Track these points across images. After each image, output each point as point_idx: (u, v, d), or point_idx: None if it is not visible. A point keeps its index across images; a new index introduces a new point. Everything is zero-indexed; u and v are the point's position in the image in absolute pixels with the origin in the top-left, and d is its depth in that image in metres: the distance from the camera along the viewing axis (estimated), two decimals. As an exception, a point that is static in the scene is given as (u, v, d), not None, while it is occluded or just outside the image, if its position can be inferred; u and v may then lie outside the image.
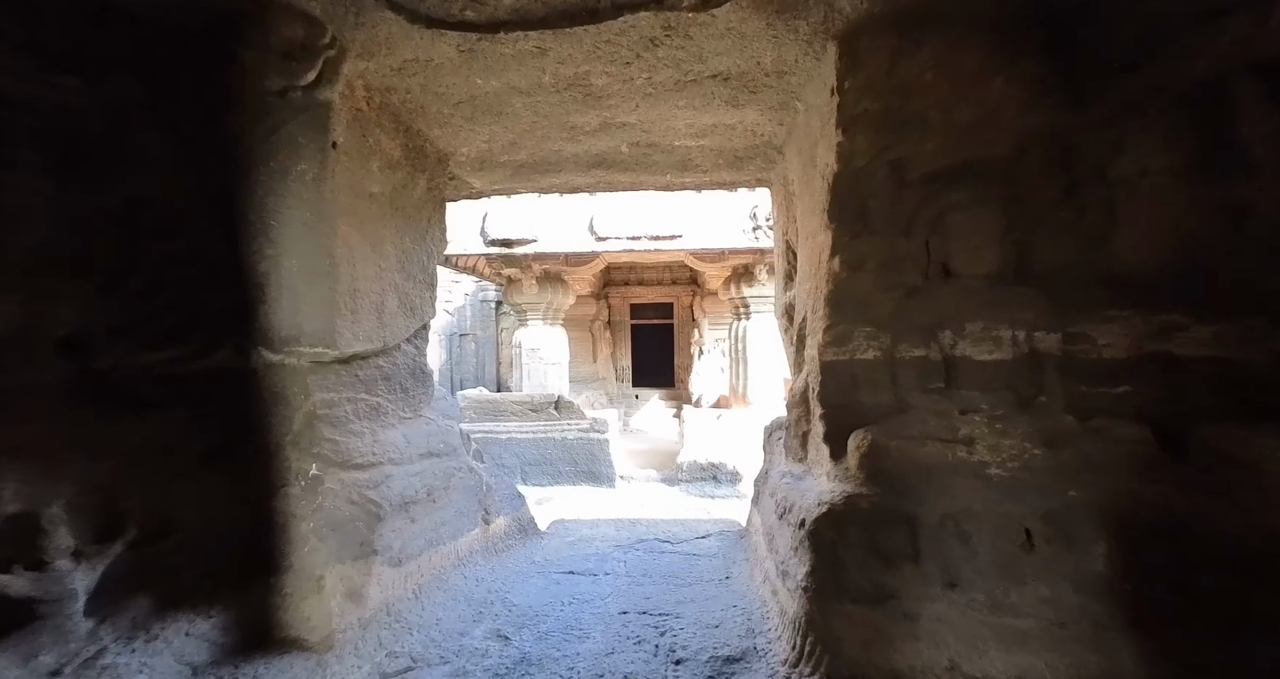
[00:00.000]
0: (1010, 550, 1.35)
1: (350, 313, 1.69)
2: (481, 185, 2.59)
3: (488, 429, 5.80)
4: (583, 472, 5.61)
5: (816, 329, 1.73)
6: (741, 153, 2.31)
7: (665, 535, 2.82)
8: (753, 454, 5.54)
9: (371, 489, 1.78)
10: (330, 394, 1.71)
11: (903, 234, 1.61)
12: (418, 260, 2.10)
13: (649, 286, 11.39)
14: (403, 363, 2.05)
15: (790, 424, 2.08)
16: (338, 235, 1.65)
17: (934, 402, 1.49)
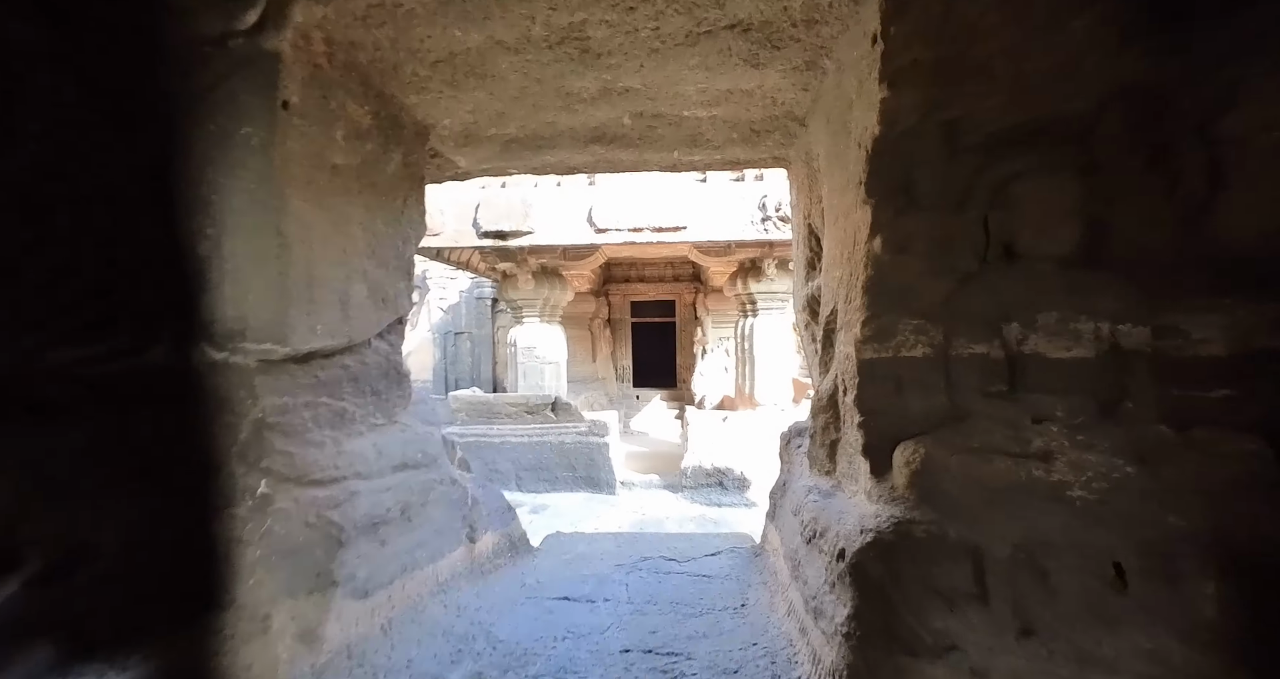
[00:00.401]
0: (1098, 590, 1.12)
1: (306, 303, 1.47)
2: (468, 164, 2.36)
3: (480, 432, 5.59)
4: (581, 477, 5.39)
5: (852, 322, 1.50)
6: (758, 125, 2.08)
7: (671, 552, 2.60)
8: (762, 459, 5.33)
9: (333, 509, 1.55)
10: (283, 398, 1.49)
11: (956, 209, 1.39)
12: (391, 245, 1.88)
13: (650, 283, 11.17)
14: (373, 362, 1.83)
15: (815, 432, 1.85)
16: (290, 211, 1.43)
17: (998, 408, 1.27)
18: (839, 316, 1.66)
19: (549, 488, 5.39)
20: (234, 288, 1.39)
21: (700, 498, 5.02)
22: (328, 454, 1.60)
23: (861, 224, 1.48)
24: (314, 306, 1.50)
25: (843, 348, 1.57)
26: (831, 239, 1.79)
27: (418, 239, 2.08)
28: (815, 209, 2.06)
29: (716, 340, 10.61)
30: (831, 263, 1.77)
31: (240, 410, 1.44)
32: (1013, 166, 1.35)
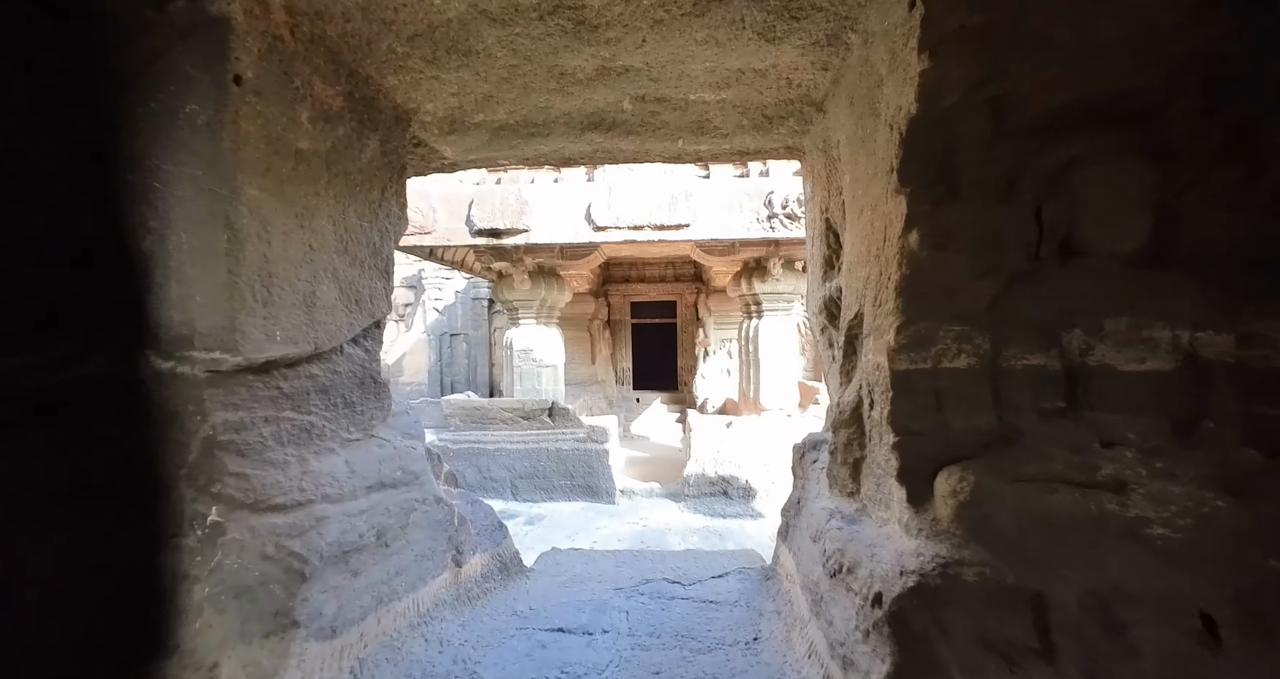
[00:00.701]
0: (1185, 647, 0.96)
1: (261, 305, 1.30)
2: (454, 154, 2.21)
3: (475, 439, 5.42)
4: (579, 486, 5.23)
5: (883, 328, 1.34)
6: (771, 110, 1.92)
7: (675, 574, 2.44)
8: (768, 467, 5.17)
9: (295, 537, 1.39)
10: (238, 414, 1.33)
11: (1004, 199, 1.23)
12: (366, 241, 1.72)
13: (651, 284, 11.02)
14: (346, 370, 1.67)
15: (836, 448, 1.69)
16: (244, 200, 1.27)
17: (1059, 428, 1.11)
18: (865, 321, 1.50)
19: (546, 497, 5.23)
20: (180, 289, 1.23)
21: (703, 508, 4.86)
22: (291, 475, 1.44)
23: (894, 217, 1.32)
24: (272, 309, 1.34)
25: (871, 357, 1.41)
26: (855, 235, 1.63)
27: (398, 235, 1.92)
28: (834, 202, 1.90)
29: (719, 342, 10.45)
30: (855, 261, 1.61)
31: (189, 427, 1.28)
32: (1070, 150, 1.19)
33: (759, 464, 5.20)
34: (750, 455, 5.20)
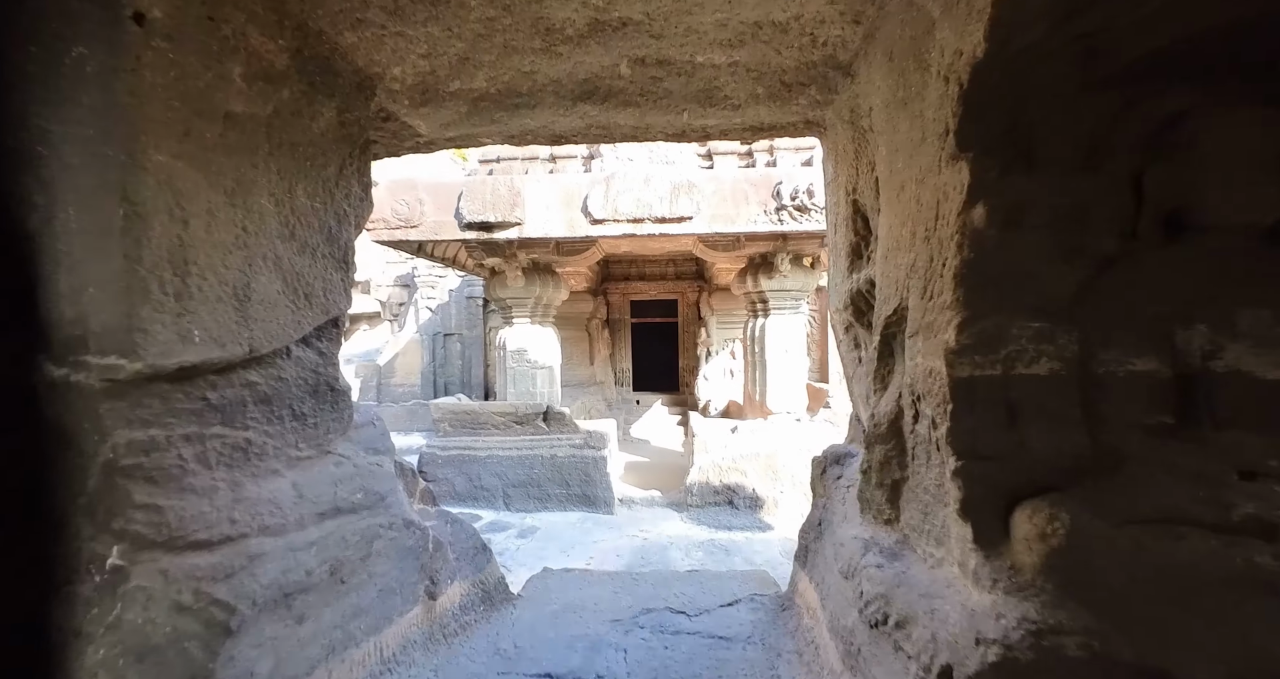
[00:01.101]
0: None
1: (173, 298, 1.08)
2: (429, 129, 1.97)
3: (465, 445, 5.19)
4: (575, 495, 5.00)
5: (937, 325, 1.11)
6: (791, 75, 1.69)
7: (679, 602, 2.21)
8: (775, 475, 4.94)
9: (221, 581, 1.16)
10: (148, 431, 1.10)
11: (1090, 164, 1.01)
12: (318, 224, 1.49)
13: (651, 282, 10.79)
14: (295, 376, 1.44)
15: (870, 467, 1.46)
16: (149, 169, 1.04)
17: (1177, 453, 0.88)
18: (910, 317, 1.27)
19: (540, 506, 5.00)
20: (70, 278, 1.01)
21: (708, 519, 4.64)
22: (219, 504, 1.21)
23: (950, 189, 1.10)
24: (188, 304, 1.11)
25: (921, 360, 1.18)
26: (894, 216, 1.40)
27: (360, 219, 1.69)
28: (864, 182, 1.67)
29: (721, 342, 10.23)
30: (894, 247, 1.38)
31: (86, 449, 1.05)
32: (1180, 101, 0.96)
33: (766, 472, 4.97)
34: (757, 462, 4.97)
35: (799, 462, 4.99)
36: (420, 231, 4.84)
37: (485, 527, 4.50)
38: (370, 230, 4.84)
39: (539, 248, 5.51)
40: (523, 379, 5.94)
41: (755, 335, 6.01)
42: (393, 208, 4.80)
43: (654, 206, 4.69)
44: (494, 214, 4.70)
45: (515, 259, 5.58)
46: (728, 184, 4.80)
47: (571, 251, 5.84)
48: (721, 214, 4.76)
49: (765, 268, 5.74)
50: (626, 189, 4.72)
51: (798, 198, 4.63)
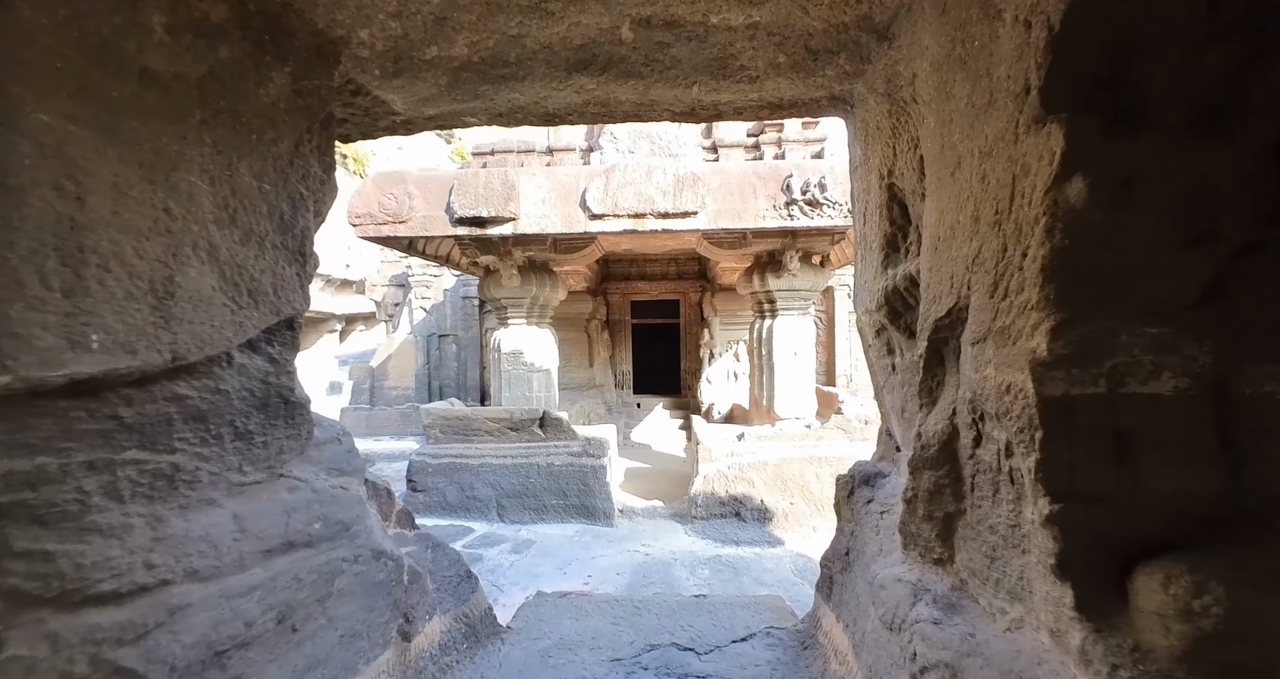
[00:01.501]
0: None
1: (60, 293, 0.87)
2: (405, 106, 1.77)
3: (456, 452, 4.99)
4: (573, 506, 4.79)
5: (1015, 329, 0.91)
6: (818, 39, 1.49)
7: (687, 636, 2.01)
8: (785, 486, 4.73)
9: (129, 644, 0.96)
10: (35, 459, 0.90)
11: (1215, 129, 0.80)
12: (269, 210, 1.28)
13: (652, 281, 10.59)
14: (237, 388, 1.23)
15: (916, 496, 1.26)
16: (23, 129, 0.84)
17: (1361, 502, 0.67)
18: (972, 319, 1.07)
19: (536, 518, 4.79)
20: (-72, 268, 0.80)
21: (713, 532, 4.43)
22: (134, 546, 1.01)
23: (1033, 161, 0.89)
24: (84, 301, 0.90)
25: (992, 372, 0.98)
26: (947, 199, 1.19)
27: (321, 205, 1.49)
28: (904, 162, 1.46)
29: (725, 344, 10.02)
30: (948, 236, 1.18)
31: (-47, 482, 0.85)
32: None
33: (775, 482, 4.76)
34: (765, 472, 4.77)
35: (810, 471, 4.79)
36: (409, 227, 4.64)
37: (477, 540, 4.29)
38: (356, 226, 4.65)
39: (535, 245, 5.31)
40: (518, 383, 5.74)
41: (762, 337, 5.81)
42: (380, 202, 4.60)
43: (656, 201, 4.49)
44: (487, 208, 4.50)
45: (510, 257, 5.38)
46: (734, 177, 4.60)
47: (569, 249, 5.63)
48: (728, 209, 4.56)
49: (773, 266, 5.54)
50: (627, 182, 4.52)
51: (809, 192, 4.43)
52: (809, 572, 3.59)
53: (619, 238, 6.02)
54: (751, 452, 4.94)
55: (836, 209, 4.47)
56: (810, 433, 4.99)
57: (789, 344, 5.61)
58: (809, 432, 5.00)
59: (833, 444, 4.93)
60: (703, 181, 4.53)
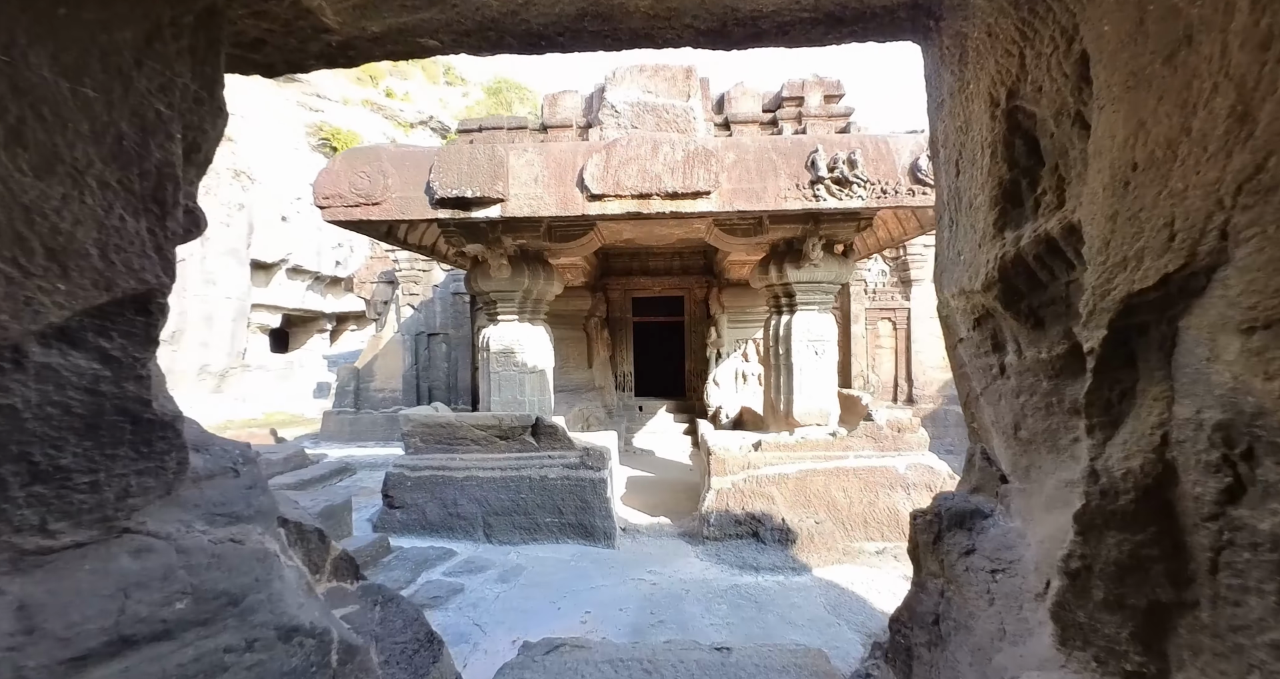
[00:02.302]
0: None
1: None
2: (339, 17, 1.34)
3: (439, 464, 4.57)
4: (569, 524, 4.37)
5: None
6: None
7: (713, 717, 1.58)
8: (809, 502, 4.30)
9: None
10: None
11: None
12: (94, 130, 0.86)
13: (655, 277, 10.17)
14: (39, 401, 0.82)
15: (1092, 569, 0.83)
16: None
17: None
18: (1236, 287, 0.64)
19: (527, 538, 4.37)
20: None
21: (729, 556, 4.00)
22: None
23: None
24: None
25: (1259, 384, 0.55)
26: (1156, 101, 0.77)
27: (199, 137, 1.06)
28: (1045, 70, 1.04)
29: (733, 343, 9.61)
30: (1164, 157, 0.75)
31: None
32: None
33: (798, 497, 4.34)
34: (786, 486, 4.34)
35: (836, 485, 4.36)
36: (383, 210, 4.22)
37: (460, 566, 3.87)
38: (324, 208, 4.23)
39: (527, 232, 4.89)
40: (509, 385, 5.31)
41: (779, 335, 5.38)
42: (350, 182, 4.18)
43: (663, 179, 4.06)
44: (471, 188, 4.07)
45: (500, 245, 4.95)
46: (751, 152, 4.17)
47: (566, 237, 5.21)
48: (745, 189, 4.13)
49: (792, 256, 5.11)
50: (631, 158, 4.09)
51: (837, 169, 4.00)
52: (844, 608, 3.17)
53: (620, 226, 5.60)
54: (770, 463, 4.51)
55: (868, 189, 4.05)
56: (836, 442, 4.57)
57: (809, 342, 5.18)
58: (834, 440, 4.57)
59: (862, 455, 4.51)
60: (716, 157, 4.10)
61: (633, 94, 5.04)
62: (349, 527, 4.19)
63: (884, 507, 4.35)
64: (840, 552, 4.00)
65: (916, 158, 4.04)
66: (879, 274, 9.98)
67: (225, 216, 14.53)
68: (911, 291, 9.67)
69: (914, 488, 4.34)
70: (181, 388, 13.26)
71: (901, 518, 4.31)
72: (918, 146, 4.10)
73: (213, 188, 13.90)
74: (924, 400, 9.45)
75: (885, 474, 4.39)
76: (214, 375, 14.45)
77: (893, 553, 4.03)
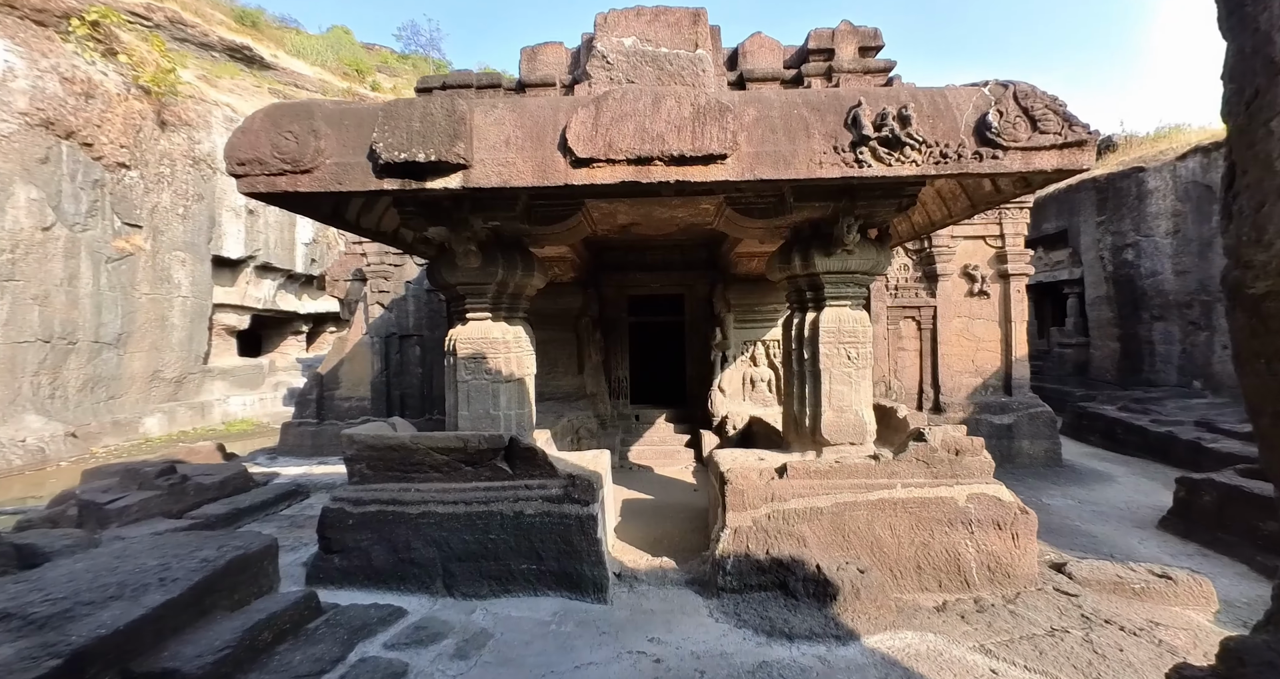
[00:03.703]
0: None
1: None
2: None
3: (390, 496, 3.80)
4: (550, 573, 3.61)
5: None
6: None
7: None
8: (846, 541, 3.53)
9: None
10: None
11: None
12: None
13: (653, 272, 9.44)
14: None
15: None
16: None
17: None
18: None
19: (498, 589, 3.60)
20: None
21: (752, 615, 3.26)
22: None
23: None
24: None
25: None
26: None
27: None
28: None
29: (740, 345, 8.87)
30: None
31: None
32: None
33: (835, 537, 3.60)
34: (820, 523, 3.60)
35: (882, 522, 3.63)
36: (315, 179, 3.45)
37: (407, 633, 3.10)
38: (241, 176, 3.45)
39: (499, 210, 4.13)
40: (480, 397, 4.54)
41: (803, 335, 4.64)
42: (274, 144, 3.41)
43: (667, 140, 3.32)
44: (425, 150, 3.31)
45: (467, 227, 4.19)
46: (777, 108, 3.43)
47: (548, 218, 4.46)
48: (769, 152, 3.39)
49: (820, 241, 4.38)
50: (626, 114, 3.35)
51: (886, 126, 3.28)
52: (918, 704, 2.43)
53: (614, 207, 4.85)
54: (798, 493, 3.77)
55: (924, 152, 3.32)
56: (879, 467, 3.83)
57: (840, 344, 4.45)
58: (877, 466, 3.84)
59: (911, 483, 3.78)
60: (733, 113, 3.36)
61: (628, 42, 4.31)
62: (271, 579, 3.42)
63: (941, 548, 3.61)
64: (893, 610, 3.26)
65: (984, 113, 3.32)
66: (900, 269, 9.28)
67: (182, 208, 13.68)
68: (937, 287, 8.97)
69: (978, 525, 3.61)
70: (130, 395, 12.40)
71: (964, 562, 3.58)
72: (983, 100, 3.39)
73: (166, 176, 13.06)
74: (952, 409, 8.74)
75: (941, 507, 3.66)
76: (168, 382, 13.58)
77: (957, 611, 3.29)
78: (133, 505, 4.72)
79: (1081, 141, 3.22)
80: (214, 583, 2.92)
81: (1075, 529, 5.24)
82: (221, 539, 3.36)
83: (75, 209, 10.65)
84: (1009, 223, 8.78)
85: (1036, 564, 3.62)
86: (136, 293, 12.44)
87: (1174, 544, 4.89)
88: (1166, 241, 11.93)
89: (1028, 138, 3.26)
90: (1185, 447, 7.91)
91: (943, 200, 4.84)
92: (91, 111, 10.79)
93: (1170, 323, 12.05)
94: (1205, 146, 10.84)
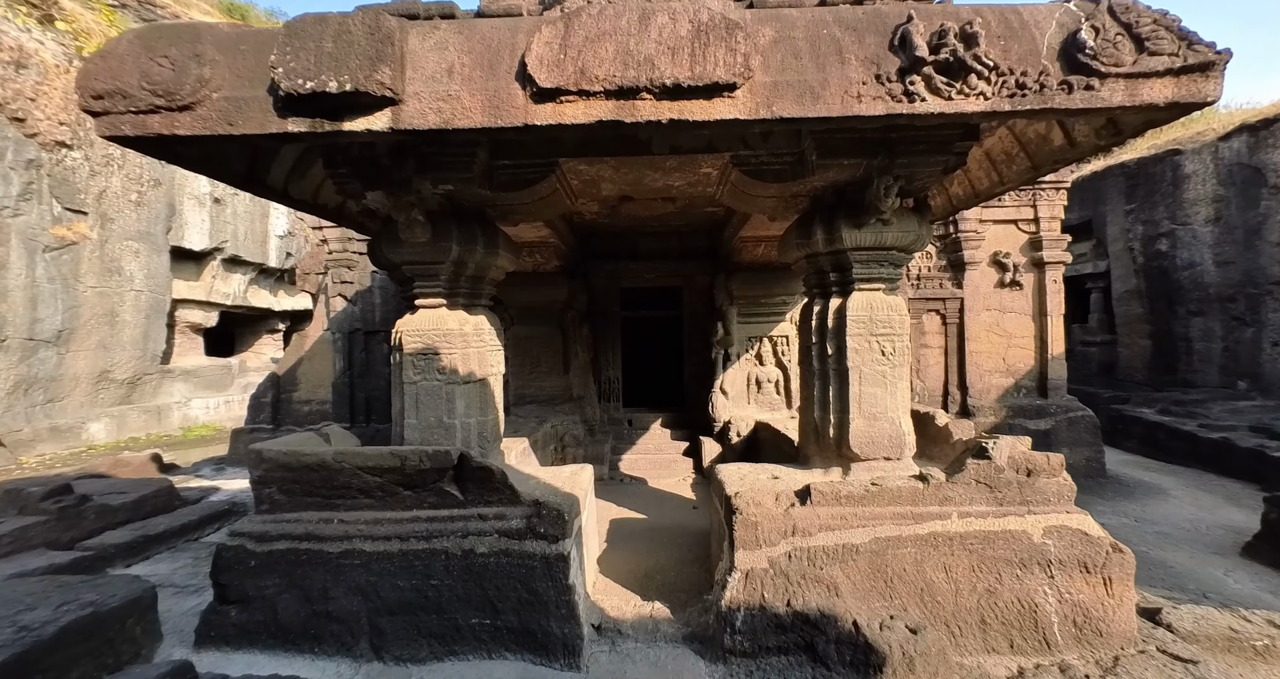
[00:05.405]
0: None
1: None
2: None
3: (307, 530, 3.06)
4: (508, 629, 2.88)
5: None
6: None
7: None
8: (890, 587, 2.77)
9: None
10: None
11: None
12: None
13: (647, 262, 8.70)
14: None
15: None
16: None
17: None
18: None
19: (441, 651, 2.88)
20: None
21: (770, 691, 2.55)
22: None
23: None
24: None
25: None
26: None
27: None
28: None
29: (745, 341, 8.16)
30: None
31: None
32: None
33: (873, 581, 2.89)
34: (856, 566, 2.89)
35: (934, 562, 2.91)
36: (198, 119, 2.71)
37: (308, 721, 2.37)
38: (96, 114, 2.71)
39: (452, 170, 3.39)
40: (431, 401, 3.81)
41: (826, 326, 3.92)
42: (143, 71, 2.67)
43: (658, 64, 2.59)
44: (338, 76, 2.58)
45: (412, 191, 3.46)
46: (800, 27, 2.72)
47: (514, 183, 3.72)
48: (791, 82, 2.67)
49: (848, 210, 3.67)
50: (605, 32, 2.62)
51: (946, 47, 2.56)
52: None
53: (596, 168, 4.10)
54: (826, 525, 3.06)
55: (994, 82, 2.61)
56: (929, 491, 3.12)
57: (873, 336, 3.73)
58: (926, 489, 3.13)
59: (970, 512, 3.06)
60: (745, 32, 2.64)
61: (610, -44, 3.60)
62: (138, 643, 2.68)
63: (1012, 597, 2.90)
64: (958, 685, 2.56)
65: (1073, 32, 2.60)
66: (923, 257, 8.59)
67: (135, 194, 12.88)
68: (964, 277, 8.27)
69: (1059, 567, 2.90)
70: (73, 398, 11.60)
71: (1042, 615, 2.86)
72: (1068, 17, 2.67)
73: (116, 159, 12.26)
74: (981, 413, 8.05)
75: (1011, 544, 2.94)
76: (120, 383, 12.77)
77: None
78: (4, 537, 3.98)
79: (1207, 65, 2.51)
80: (34, 663, 2.18)
81: (1146, 558, 4.55)
82: (71, 592, 2.62)
83: (4, 191, 9.86)
84: (1044, 205, 8.09)
85: (1135, 618, 2.92)
86: (81, 286, 11.64)
87: (1270, 577, 4.21)
88: (1206, 230, 11.26)
89: (1133, 62, 2.55)
90: (1245, 455, 7.23)
91: (992, 163, 4.12)
92: (23, 83, 9.99)
93: (1210, 318, 11.39)
94: (1253, 124, 10.18)
